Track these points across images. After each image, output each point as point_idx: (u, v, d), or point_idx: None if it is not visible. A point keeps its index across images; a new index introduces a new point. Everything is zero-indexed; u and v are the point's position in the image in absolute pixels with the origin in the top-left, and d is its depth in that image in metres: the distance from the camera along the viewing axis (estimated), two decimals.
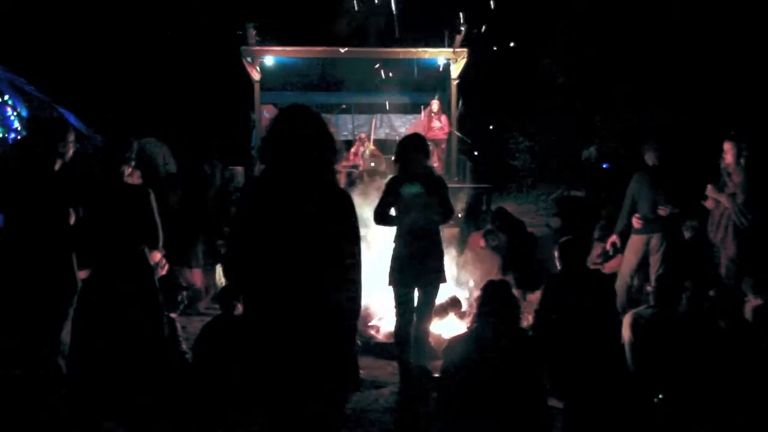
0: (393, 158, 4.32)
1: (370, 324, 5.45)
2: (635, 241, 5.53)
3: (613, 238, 5.65)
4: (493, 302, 3.37)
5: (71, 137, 3.65)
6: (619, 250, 5.79)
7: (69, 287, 3.53)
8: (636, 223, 5.47)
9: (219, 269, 6.82)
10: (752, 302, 4.22)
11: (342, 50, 9.12)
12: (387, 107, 12.08)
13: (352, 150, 10.18)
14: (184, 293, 4.85)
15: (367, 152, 10.00)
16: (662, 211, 5.32)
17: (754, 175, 4.99)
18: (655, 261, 5.41)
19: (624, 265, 5.59)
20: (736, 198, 5.03)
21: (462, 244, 7.30)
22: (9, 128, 9.29)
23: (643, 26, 11.31)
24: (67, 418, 3.40)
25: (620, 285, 5.44)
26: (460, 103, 9.79)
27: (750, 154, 5.03)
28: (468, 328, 3.74)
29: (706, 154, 5.70)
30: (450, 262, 5.69)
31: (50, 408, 3.37)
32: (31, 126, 4.34)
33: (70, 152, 3.65)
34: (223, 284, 6.64)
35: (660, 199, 5.37)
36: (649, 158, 5.54)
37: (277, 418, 2.29)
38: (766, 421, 3.31)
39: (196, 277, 6.48)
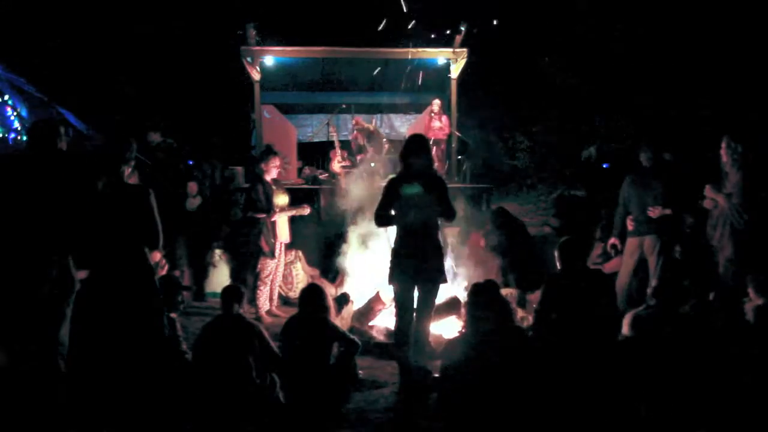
0: (399, 157, 4.33)
1: (370, 324, 5.45)
2: (630, 244, 5.60)
3: (612, 240, 5.72)
4: (480, 304, 3.38)
5: (63, 139, 3.65)
6: (619, 252, 5.84)
7: (66, 286, 3.52)
8: (629, 225, 5.51)
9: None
10: (752, 302, 4.22)
11: (342, 50, 9.12)
12: (387, 107, 12.07)
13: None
14: (184, 293, 4.85)
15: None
16: (651, 213, 5.33)
17: (750, 175, 4.99)
18: (652, 261, 5.43)
19: (623, 267, 5.64)
20: (732, 198, 5.03)
21: (462, 245, 7.29)
22: (9, 128, 9.31)
23: (643, 25, 11.32)
24: (66, 418, 3.40)
25: (620, 286, 5.47)
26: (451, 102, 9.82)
27: (746, 154, 5.04)
28: (460, 331, 3.75)
29: (708, 154, 5.70)
30: (449, 261, 5.70)
31: (50, 408, 3.36)
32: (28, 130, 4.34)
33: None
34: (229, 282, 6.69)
35: (649, 201, 5.38)
36: (643, 159, 5.59)
37: None
38: (766, 422, 3.31)
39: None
